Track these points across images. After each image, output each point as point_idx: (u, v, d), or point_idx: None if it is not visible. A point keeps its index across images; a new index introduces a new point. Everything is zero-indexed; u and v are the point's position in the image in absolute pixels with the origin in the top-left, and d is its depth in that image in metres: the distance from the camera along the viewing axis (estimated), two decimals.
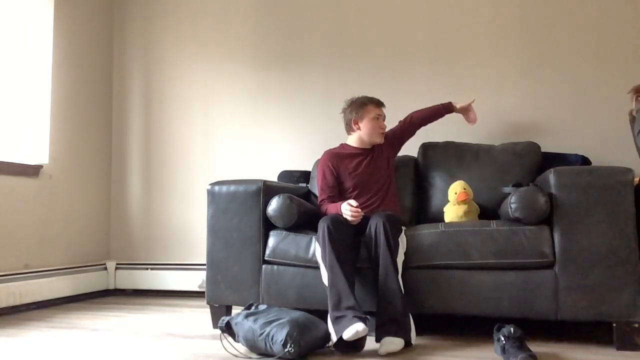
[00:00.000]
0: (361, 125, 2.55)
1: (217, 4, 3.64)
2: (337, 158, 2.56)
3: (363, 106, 2.55)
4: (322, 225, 2.14)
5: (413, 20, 3.22)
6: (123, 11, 3.88)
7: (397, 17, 3.25)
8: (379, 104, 2.58)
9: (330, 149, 2.63)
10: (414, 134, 2.73)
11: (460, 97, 3.07)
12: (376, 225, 2.11)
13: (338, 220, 2.17)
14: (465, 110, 2.73)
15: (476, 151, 2.71)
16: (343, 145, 2.63)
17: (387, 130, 2.63)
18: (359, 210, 2.23)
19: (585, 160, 2.62)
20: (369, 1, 3.31)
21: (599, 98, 2.86)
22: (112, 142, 3.83)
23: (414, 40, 3.20)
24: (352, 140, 2.60)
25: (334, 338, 1.93)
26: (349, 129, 2.60)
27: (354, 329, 1.86)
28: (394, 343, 1.92)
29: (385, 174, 2.55)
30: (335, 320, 1.95)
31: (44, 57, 3.33)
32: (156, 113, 3.75)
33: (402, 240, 2.15)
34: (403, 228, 2.21)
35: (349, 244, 2.16)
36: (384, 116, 2.59)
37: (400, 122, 2.72)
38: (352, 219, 2.22)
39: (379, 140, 2.56)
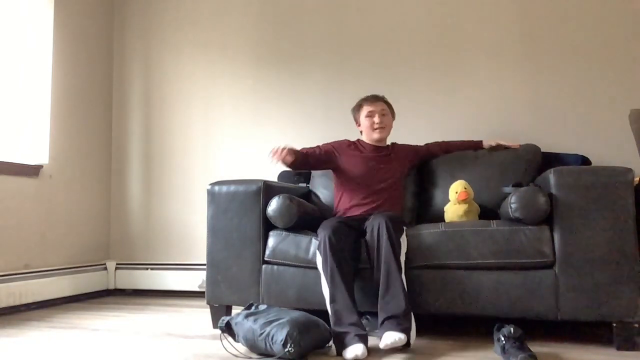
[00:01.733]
0: (360, 126, 2.64)
1: (218, 5, 3.64)
2: (347, 147, 2.63)
3: (358, 107, 2.65)
4: (322, 235, 2.14)
5: (412, 21, 3.22)
6: (123, 11, 3.88)
7: (397, 18, 3.25)
8: (373, 100, 2.60)
9: (348, 139, 2.69)
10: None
11: (459, 96, 3.09)
12: (378, 225, 2.11)
13: (338, 229, 2.17)
14: (496, 149, 2.67)
15: (477, 152, 2.71)
16: (358, 140, 2.69)
17: (417, 146, 2.72)
18: (277, 152, 2.33)
19: (585, 160, 2.62)
20: (368, 2, 3.31)
21: (599, 98, 2.86)
22: (112, 143, 3.83)
23: (414, 40, 3.20)
24: (363, 138, 2.68)
25: (334, 352, 1.93)
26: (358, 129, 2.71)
27: (353, 352, 1.85)
28: (397, 337, 1.88)
29: (394, 177, 2.55)
30: (338, 336, 1.95)
31: (44, 57, 3.33)
32: (156, 113, 3.75)
33: (404, 240, 2.15)
34: (404, 228, 2.21)
35: (350, 250, 2.16)
36: (381, 110, 2.59)
37: (428, 146, 2.75)
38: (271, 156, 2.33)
39: (376, 135, 2.59)
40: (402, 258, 2.11)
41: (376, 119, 2.56)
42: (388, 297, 2.02)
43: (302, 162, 2.50)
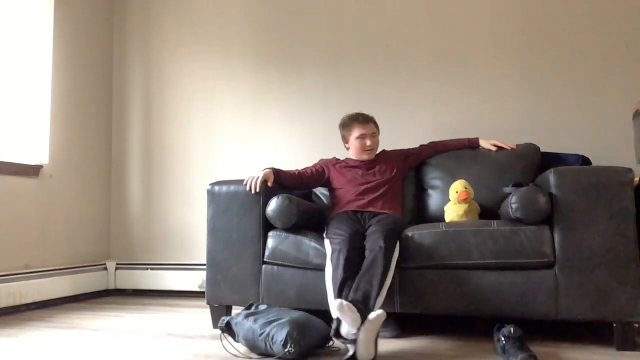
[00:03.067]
0: (349, 144, 2.66)
1: (217, 5, 3.64)
2: (335, 162, 2.68)
3: (347, 126, 2.65)
4: (337, 251, 2.09)
5: (412, 22, 3.22)
6: (123, 12, 3.88)
7: (396, 20, 3.25)
8: (363, 122, 2.61)
9: (335, 157, 2.74)
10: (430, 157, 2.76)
11: (459, 96, 3.08)
12: (374, 247, 2.08)
13: (354, 244, 2.13)
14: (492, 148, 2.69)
15: (476, 151, 2.71)
16: (347, 158, 2.71)
17: (409, 148, 2.73)
18: (252, 185, 2.37)
19: (585, 160, 2.62)
20: (368, 4, 3.31)
21: (599, 98, 2.86)
22: (112, 142, 3.83)
23: (413, 40, 3.20)
24: (351, 155, 2.69)
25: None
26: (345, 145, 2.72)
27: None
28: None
29: (383, 177, 2.57)
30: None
31: (44, 57, 3.33)
32: (156, 113, 3.75)
33: (396, 252, 2.12)
34: (397, 243, 2.15)
35: (360, 261, 2.11)
36: (373, 132, 2.61)
37: (421, 146, 2.76)
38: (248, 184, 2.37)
39: (366, 157, 2.62)
40: (389, 277, 2.04)
41: (368, 142, 2.59)
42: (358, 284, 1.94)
43: (293, 183, 2.57)
